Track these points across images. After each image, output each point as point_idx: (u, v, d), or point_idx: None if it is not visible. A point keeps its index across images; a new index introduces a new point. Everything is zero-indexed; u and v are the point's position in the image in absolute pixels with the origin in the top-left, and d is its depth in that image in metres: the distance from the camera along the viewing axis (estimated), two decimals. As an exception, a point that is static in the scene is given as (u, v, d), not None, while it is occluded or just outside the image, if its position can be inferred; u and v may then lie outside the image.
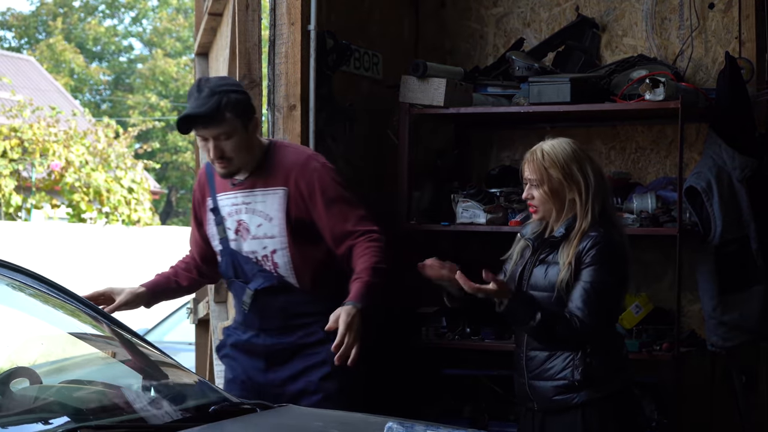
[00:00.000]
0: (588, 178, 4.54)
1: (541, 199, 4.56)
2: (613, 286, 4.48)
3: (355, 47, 6.25)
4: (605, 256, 4.45)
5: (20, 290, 4.35)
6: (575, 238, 4.47)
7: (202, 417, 3.65)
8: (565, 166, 4.55)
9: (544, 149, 4.59)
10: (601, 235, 4.46)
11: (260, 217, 4.85)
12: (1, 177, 18.06)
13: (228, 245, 4.92)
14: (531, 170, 4.58)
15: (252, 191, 4.86)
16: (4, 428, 3.29)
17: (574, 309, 4.37)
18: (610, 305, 4.50)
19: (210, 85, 4.71)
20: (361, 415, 3.94)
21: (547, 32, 6.74)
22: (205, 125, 4.69)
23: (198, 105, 4.67)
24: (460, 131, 6.85)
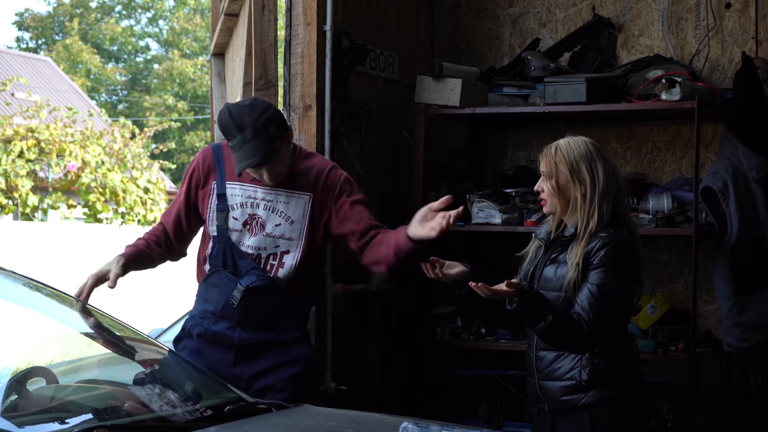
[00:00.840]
0: (596, 178, 4.53)
1: (549, 192, 4.58)
2: (620, 289, 4.45)
3: (371, 47, 6.25)
4: (614, 258, 4.43)
5: (37, 290, 4.37)
6: (583, 239, 4.47)
7: (217, 417, 3.65)
8: (573, 163, 4.56)
9: (559, 144, 4.63)
10: (610, 236, 4.45)
11: (280, 217, 4.88)
12: (18, 177, 18.10)
13: (225, 234, 4.91)
14: (544, 163, 4.61)
15: (275, 190, 4.89)
16: (21, 428, 3.31)
17: (580, 311, 4.36)
18: (617, 308, 4.46)
19: (249, 122, 4.72)
20: (376, 414, 3.94)
21: (563, 32, 6.73)
22: (263, 164, 4.76)
23: (252, 152, 4.70)
24: (475, 131, 6.85)
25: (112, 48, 43.80)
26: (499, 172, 6.70)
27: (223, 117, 4.80)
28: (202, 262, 5.00)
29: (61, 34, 43.15)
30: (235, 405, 3.78)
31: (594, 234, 4.44)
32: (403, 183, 6.48)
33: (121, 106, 42.42)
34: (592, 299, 4.36)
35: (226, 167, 4.94)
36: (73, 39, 40.95)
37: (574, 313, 4.34)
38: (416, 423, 3.57)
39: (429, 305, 6.34)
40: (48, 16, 43.47)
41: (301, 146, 5.13)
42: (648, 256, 6.49)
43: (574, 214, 4.52)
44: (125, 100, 43.21)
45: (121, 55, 44.33)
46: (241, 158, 4.71)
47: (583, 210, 4.49)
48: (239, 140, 4.71)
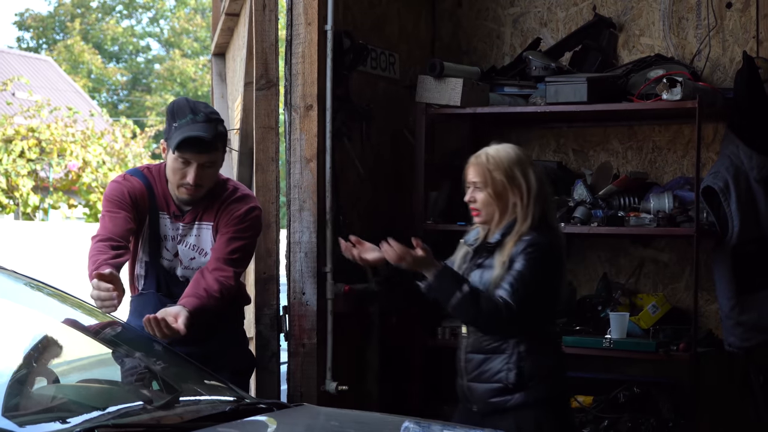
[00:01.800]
0: (530, 183, 4.62)
1: (484, 201, 4.64)
2: (541, 281, 4.52)
3: (372, 47, 6.25)
4: (537, 255, 4.51)
5: (38, 290, 4.37)
6: (511, 241, 4.54)
7: (218, 416, 3.65)
8: (508, 170, 4.62)
9: (489, 153, 4.67)
10: (535, 237, 4.53)
11: (193, 251, 4.90)
12: (19, 177, 18.12)
13: (159, 261, 4.91)
14: (475, 173, 4.66)
15: (187, 224, 4.89)
16: (22, 427, 3.31)
17: (499, 292, 4.45)
18: (536, 298, 4.51)
19: (205, 111, 4.75)
20: (378, 414, 3.95)
21: (564, 32, 6.73)
22: (203, 150, 4.71)
23: (200, 129, 4.69)
24: (476, 131, 6.84)
25: (113, 48, 43.81)
26: (501, 171, 6.69)
27: (179, 101, 4.80)
28: (134, 278, 5.00)
29: (62, 34, 43.16)
30: (236, 404, 3.78)
31: (522, 236, 4.52)
32: (404, 183, 6.48)
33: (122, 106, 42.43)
34: (512, 281, 4.46)
35: (156, 196, 4.88)
36: (74, 39, 40.97)
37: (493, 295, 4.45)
38: (417, 423, 3.57)
39: (430, 306, 6.32)
40: (49, 15, 43.48)
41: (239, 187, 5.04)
42: (649, 256, 6.50)
43: (508, 219, 4.57)
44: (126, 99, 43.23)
45: (122, 54, 44.34)
46: (188, 131, 4.67)
47: (521, 214, 4.57)
48: (189, 119, 4.70)
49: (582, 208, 6.08)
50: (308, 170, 5.78)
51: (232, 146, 7.59)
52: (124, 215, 4.76)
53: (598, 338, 5.91)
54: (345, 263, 5.87)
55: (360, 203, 6.20)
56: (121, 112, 39.54)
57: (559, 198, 6.16)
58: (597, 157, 6.66)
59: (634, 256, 6.56)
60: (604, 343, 5.87)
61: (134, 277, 4.99)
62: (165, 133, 4.80)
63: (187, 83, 41.08)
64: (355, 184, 6.15)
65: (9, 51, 34.86)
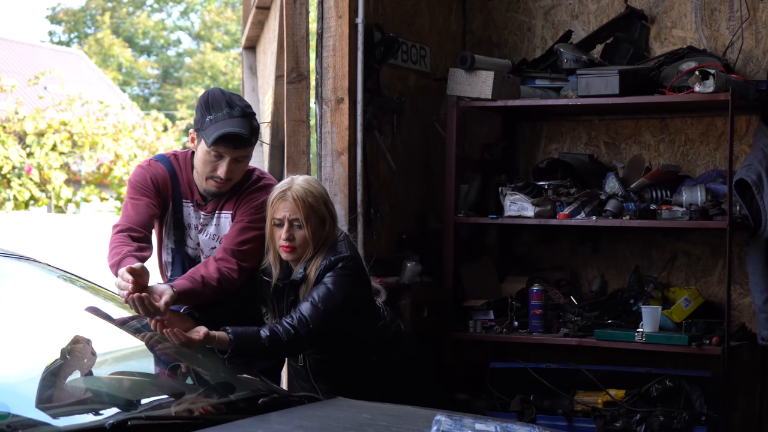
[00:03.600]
0: (334, 213, 4.66)
1: (304, 240, 4.56)
2: (347, 293, 4.52)
3: (403, 40, 6.25)
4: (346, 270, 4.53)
5: (71, 282, 4.39)
6: (312, 270, 4.54)
7: (251, 409, 3.66)
8: (327, 201, 4.62)
9: (304, 187, 4.57)
10: (337, 255, 4.54)
11: (213, 240, 4.84)
12: (51, 170, 18.19)
13: (184, 249, 4.89)
14: (292, 211, 4.55)
15: (208, 214, 4.84)
16: (56, 419, 3.33)
17: (301, 306, 4.46)
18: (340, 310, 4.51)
19: (240, 104, 4.68)
20: (409, 407, 3.94)
21: (595, 24, 6.71)
22: (239, 146, 4.65)
23: (237, 124, 4.62)
24: (507, 124, 6.83)
25: (144, 41, 43.92)
26: (532, 164, 6.69)
27: (213, 92, 4.72)
28: (162, 265, 4.99)
29: (93, 27, 43.30)
30: (268, 397, 3.78)
31: (321, 261, 4.55)
32: (435, 176, 6.48)
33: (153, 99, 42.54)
34: (314, 296, 4.47)
35: (180, 184, 4.85)
36: (105, 33, 41.08)
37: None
38: (449, 416, 3.56)
39: (461, 298, 6.33)
40: (80, 10, 43.62)
41: (264, 176, 4.98)
42: (681, 249, 6.47)
43: (320, 252, 4.56)
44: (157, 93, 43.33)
45: (152, 48, 44.44)
46: (226, 126, 4.61)
47: (323, 245, 4.57)
48: (226, 113, 4.63)
49: (614, 201, 6.05)
50: (339, 163, 5.79)
51: (263, 139, 7.60)
52: (146, 202, 4.74)
53: (631, 332, 5.88)
54: (377, 256, 5.88)
55: (391, 196, 6.20)
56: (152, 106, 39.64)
57: (591, 191, 6.14)
58: (629, 149, 6.63)
59: (667, 249, 6.53)
60: (636, 337, 5.84)
61: (162, 264, 4.98)
62: (196, 123, 4.73)
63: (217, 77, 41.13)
64: (385, 177, 6.15)
65: (41, 45, 35.00)
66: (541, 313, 6.12)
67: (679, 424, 5.75)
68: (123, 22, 43.29)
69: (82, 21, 43.45)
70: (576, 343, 6.04)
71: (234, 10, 43.08)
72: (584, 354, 6.28)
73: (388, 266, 6.02)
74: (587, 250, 6.70)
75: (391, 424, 3.63)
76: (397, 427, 3.57)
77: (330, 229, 4.59)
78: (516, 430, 3.57)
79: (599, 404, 5.99)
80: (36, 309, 4.22)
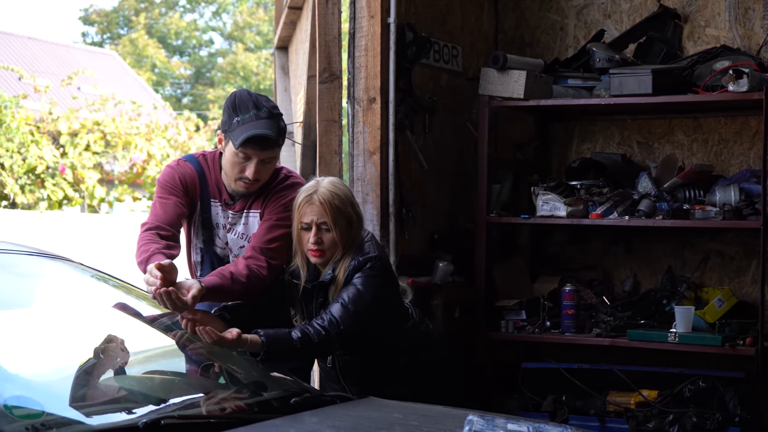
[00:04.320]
0: (360, 214, 4.65)
1: (332, 242, 4.55)
2: (377, 294, 4.51)
3: (435, 40, 6.24)
4: (375, 271, 4.52)
5: (104, 282, 4.41)
6: (341, 271, 4.52)
7: (283, 408, 3.66)
8: (353, 202, 4.61)
9: (330, 190, 4.56)
10: (365, 255, 4.53)
11: (242, 240, 4.84)
12: (85, 170, 18.28)
13: (213, 248, 4.90)
14: (319, 214, 4.54)
15: (235, 213, 4.85)
16: (89, 417, 3.34)
17: (331, 308, 4.44)
18: (371, 311, 4.50)
19: (267, 105, 4.69)
20: (441, 407, 3.93)
21: (628, 23, 6.68)
22: (266, 147, 4.66)
23: (265, 126, 4.63)
24: (540, 123, 6.82)
25: (176, 42, 44.08)
26: (564, 164, 6.67)
27: (240, 93, 4.74)
28: (191, 266, 5.00)
29: (126, 28, 43.49)
30: (300, 397, 3.79)
31: (350, 261, 4.53)
32: (467, 176, 6.47)
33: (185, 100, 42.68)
34: (345, 297, 4.45)
35: (208, 184, 4.86)
36: (138, 33, 41.27)
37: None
38: (481, 416, 3.56)
39: (493, 298, 6.32)
40: (113, 11, 43.83)
41: (292, 175, 4.98)
42: (715, 249, 6.44)
43: (348, 254, 4.55)
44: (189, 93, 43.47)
45: (185, 48, 44.59)
46: (253, 127, 4.61)
47: (351, 246, 4.57)
48: (253, 115, 4.63)
49: (647, 201, 6.03)
50: (371, 163, 5.79)
51: (295, 139, 7.62)
52: (175, 201, 4.75)
53: (663, 332, 5.86)
54: (408, 256, 5.88)
55: (423, 196, 6.20)
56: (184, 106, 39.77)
57: (623, 190, 6.12)
58: (662, 149, 6.60)
59: (700, 249, 6.50)
60: (669, 337, 5.82)
61: (192, 264, 5.00)
62: (223, 124, 4.74)
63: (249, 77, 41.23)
64: (417, 176, 6.14)
65: (74, 46, 35.18)
66: (574, 313, 6.10)
67: (713, 425, 5.72)
68: (156, 22, 43.47)
69: (115, 22, 43.65)
70: (608, 344, 6.02)
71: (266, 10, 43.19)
72: (617, 354, 6.26)
73: (419, 266, 6.01)
74: (620, 250, 6.68)
75: (423, 423, 3.63)
76: (429, 427, 3.57)
77: (357, 229, 4.59)
78: (548, 431, 3.56)
79: (632, 405, 5.97)
80: (69, 308, 4.24)
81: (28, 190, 17.60)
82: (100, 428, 3.25)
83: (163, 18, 43.98)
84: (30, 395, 3.39)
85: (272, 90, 9.01)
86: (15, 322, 3.92)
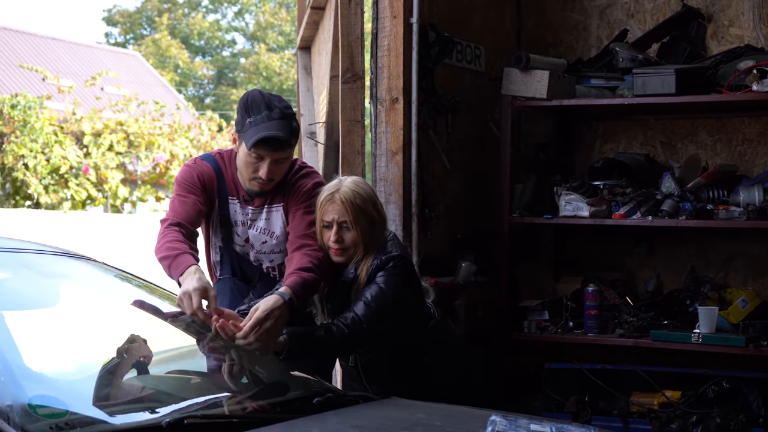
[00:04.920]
0: (383, 214, 4.64)
1: (353, 241, 4.55)
2: (399, 293, 4.50)
3: (458, 40, 6.24)
4: (396, 270, 4.51)
5: (127, 281, 4.43)
6: (364, 270, 4.52)
7: (305, 408, 3.67)
8: (376, 202, 4.61)
9: (353, 189, 4.56)
10: (388, 254, 4.53)
11: (264, 235, 4.87)
12: (108, 170, 18.35)
13: (232, 247, 4.92)
14: (340, 213, 4.54)
15: (255, 209, 4.88)
16: (113, 417, 3.35)
17: (355, 307, 4.43)
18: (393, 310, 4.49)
19: (279, 106, 4.70)
20: (465, 407, 3.93)
21: (651, 23, 6.66)
22: (278, 148, 4.68)
23: (276, 127, 4.65)
24: (562, 123, 6.80)
25: (199, 42, 44.19)
26: (587, 164, 6.65)
27: (252, 94, 4.76)
28: (211, 266, 5.02)
29: (149, 29, 43.63)
30: (323, 397, 3.79)
31: (372, 260, 4.54)
32: (490, 176, 6.46)
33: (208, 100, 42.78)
34: (368, 296, 4.45)
35: (225, 181, 4.89)
36: (161, 34, 41.39)
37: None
38: (504, 416, 3.56)
39: (516, 298, 6.31)
40: (136, 11, 43.97)
41: (304, 164, 5.01)
42: (739, 250, 6.42)
43: (369, 253, 4.55)
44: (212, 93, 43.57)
45: (207, 49, 44.70)
46: (265, 129, 4.63)
47: (373, 246, 4.56)
48: (265, 116, 4.66)
49: (670, 201, 6.01)
50: (394, 163, 5.79)
51: (317, 139, 7.62)
52: (194, 199, 4.77)
53: (687, 333, 5.84)
54: (431, 256, 5.88)
55: (445, 196, 6.20)
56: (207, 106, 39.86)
57: (647, 191, 6.10)
58: (685, 149, 6.58)
59: (724, 249, 6.48)
60: (692, 338, 5.80)
61: (212, 264, 5.01)
62: (237, 125, 4.77)
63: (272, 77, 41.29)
64: (440, 176, 6.14)
65: (97, 46, 35.31)
66: (597, 313, 6.09)
67: (736, 426, 5.70)
68: (178, 23, 43.59)
69: (138, 22, 43.78)
70: (631, 344, 6.00)
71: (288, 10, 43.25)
72: (640, 355, 6.24)
73: (442, 266, 6.01)
74: (643, 251, 6.66)
75: (446, 424, 3.63)
76: (452, 427, 3.57)
77: (379, 229, 4.59)
78: (571, 431, 3.55)
79: (655, 405, 5.96)
80: (93, 308, 4.25)
81: (51, 190, 17.68)
82: (123, 428, 3.26)
83: (186, 18, 44.09)
84: (54, 394, 3.40)
85: (295, 90, 9.03)
86: (39, 321, 3.94)
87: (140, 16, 43.93)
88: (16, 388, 3.28)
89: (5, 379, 3.29)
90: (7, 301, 3.84)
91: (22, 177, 17.36)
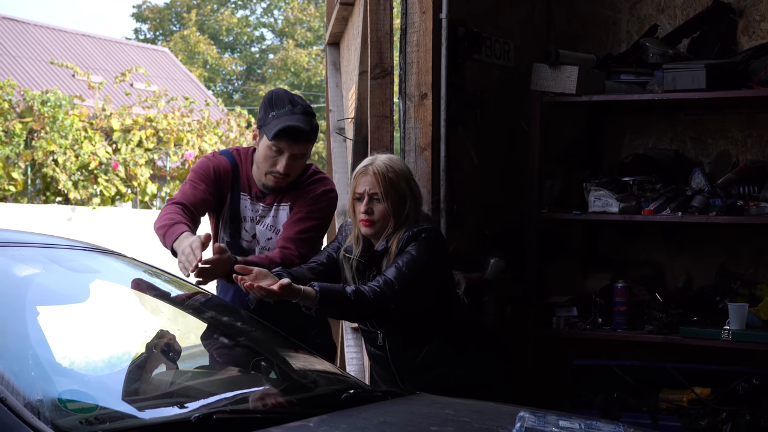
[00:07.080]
0: (417, 193, 4.67)
1: (383, 214, 4.58)
2: (428, 262, 4.51)
3: (487, 35, 6.22)
4: (426, 239, 4.53)
5: (156, 277, 4.44)
6: (394, 242, 4.54)
7: (333, 404, 3.67)
8: (405, 180, 4.62)
9: (386, 163, 4.62)
10: (419, 227, 4.55)
11: (270, 231, 4.98)
12: (137, 166, 18.41)
13: (239, 242, 5.01)
14: (371, 185, 4.59)
15: (265, 206, 4.99)
16: (142, 411, 3.36)
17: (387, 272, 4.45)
18: (423, 278, 4.51)
19: (302, 103, 4.87)
20: (492, 404, 3.93)
21: (681, 18, 6.63)
22: (299, 140, 4.82)
23: (298, 120, 4.81)
24: (592, 119, 6.78)
25: (228, 38, 44.31)
26: (617, 160, 6.63)
27: (277, 91, 4.94)
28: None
29: (178, 25, 43.78)
30: (351, 392, 3.79)
31: (403, 233, 4.56)
32: (519, 171, 6.45)
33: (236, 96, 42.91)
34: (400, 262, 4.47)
35: (240, 177, 5.00)
36: (190, 30, 41.53)
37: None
38: (533, 412, 3.55)
39: (544, 294, 6.30)
40: (165, 7, 44.14)
41: (319, 170, 5.10)
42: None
43: (398, 229, 4.58)
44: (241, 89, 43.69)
45: (236, 45, 44.83)
46: (288, 120, 4.79)
47: (406, 222, 4.58)
48: (288, 110, 4.82)
49: (700, 197, 5.98)
50: (423, 159, 5.78)
51: (346, 135, 7.62)
52: (204, 188, 4.92)
53: (717, 329, 5.81)
54: (460, 251, 5.87)
55: (474, 192, 6.18)
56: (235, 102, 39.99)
57: (676, 186, 6.07)
58: (715, 145, 6.55)
59: (754, 245, 6.44)
60: (722, 335, 5.77)
61: None
62: (259, 120, 4.92)
63: (300, 73, 41.37)
64: (469, 172, 6.13)
65: (127, 42, 35.44)
66: (625, 309, 6.07)
67: (767, 424, 5.67)
68: (207, 19, 43.71)
69: (167, 19, 43.94)
70: (661, 341, 5.98)
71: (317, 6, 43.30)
72: (669, 351, 6.22)
73: (471, 262, 6.00)
74: (672, 247, 6.63)
75: (474, 420, 3.62)
76: (481, 423, 3.56)
77: (411, 207, 4.61)
78: (600, 428, 3.54)
79: (684, 402, 5.93)
80: (122, 303, 4.27)
81: (81, 186, 17.76)
82: (152, 422, 3.27)
83: (215, 14, 44.22)
84: (84, 389, 3.41)
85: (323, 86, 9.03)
86: (70, 316, 3.95)
87: (169, 12, 44.09)
88: (47, 382, 3.30)
89: (35, 373, 3.31)
90: (37, 296, 3.86)
91: (51, 173, 17.45)
